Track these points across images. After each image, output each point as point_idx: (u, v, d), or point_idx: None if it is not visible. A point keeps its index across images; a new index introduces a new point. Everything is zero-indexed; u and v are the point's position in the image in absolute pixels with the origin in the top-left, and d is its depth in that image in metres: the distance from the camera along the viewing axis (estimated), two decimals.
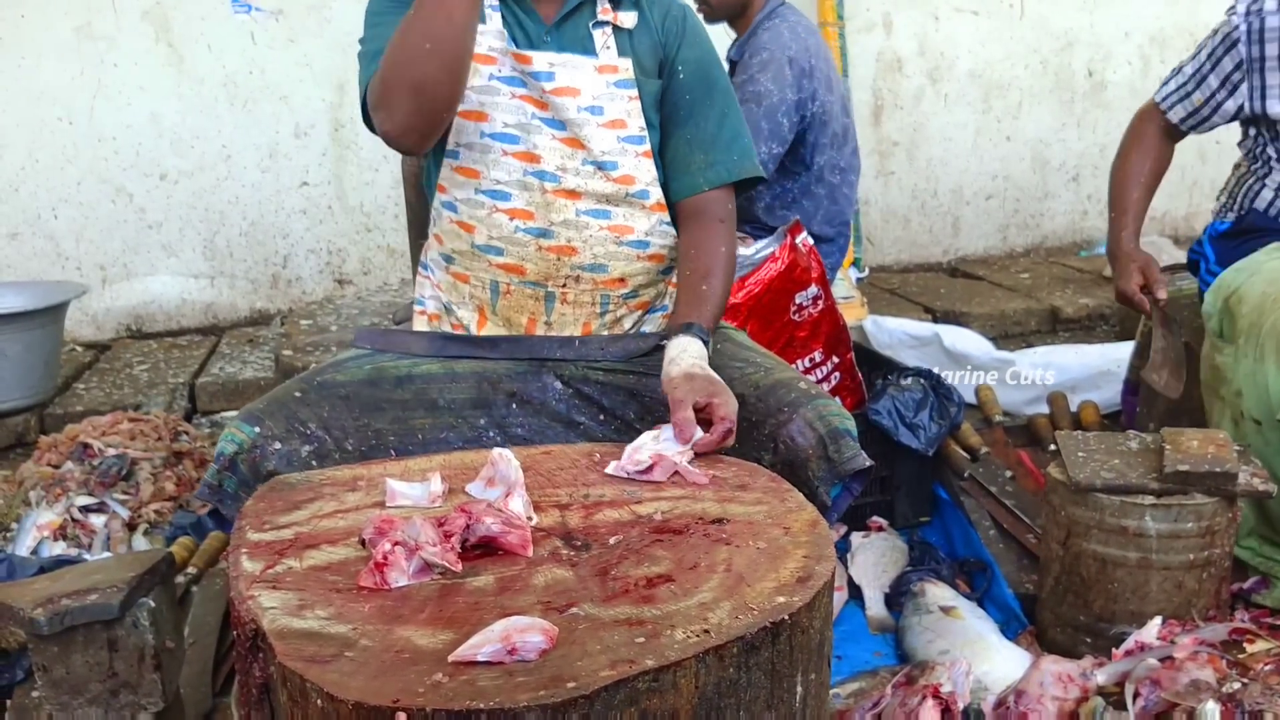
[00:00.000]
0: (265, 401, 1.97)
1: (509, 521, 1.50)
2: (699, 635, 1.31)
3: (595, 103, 2.08)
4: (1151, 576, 2.21)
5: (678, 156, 2.15)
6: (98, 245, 4.86)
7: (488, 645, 1.28)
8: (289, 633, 1.34)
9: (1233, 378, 2.51)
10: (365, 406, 2.01)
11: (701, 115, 2.14)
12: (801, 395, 1.95)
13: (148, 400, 3.99)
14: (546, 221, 2.07)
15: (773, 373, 2.03)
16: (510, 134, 2.06)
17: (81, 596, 1.93)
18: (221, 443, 1.91)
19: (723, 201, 2.14)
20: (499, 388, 2.09)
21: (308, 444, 1.94)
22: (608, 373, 2.11)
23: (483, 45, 2.04)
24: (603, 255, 2.11)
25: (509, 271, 2.12)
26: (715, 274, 2.07)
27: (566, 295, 2.13)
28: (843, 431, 1.89)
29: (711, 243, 2.10)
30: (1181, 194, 5.99)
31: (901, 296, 4.86)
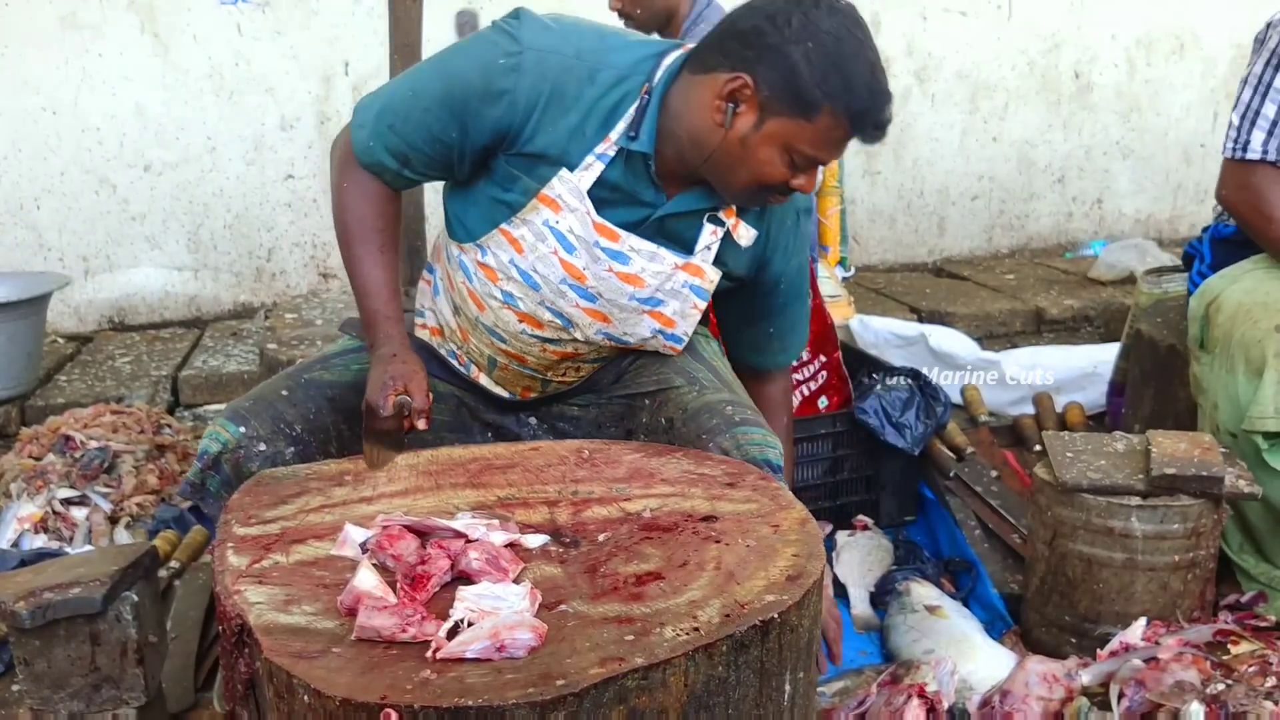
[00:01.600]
0: (251, 400, 1.96)
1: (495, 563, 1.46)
2: (689, 633, 1.31)
3: (655, 295, 1.97)
4: (1137, 577, 2.21)
5: (758, 338, 2.22)
6: (80, 236, 4.83)
7: (476, 642, 1.27)
8: (275, 628, 1.33)
9: (1210, 389, 2.52)
10: (350, 412, 1.99)
11: (790, 312, 2.19)
12: (723, 421, 1.91)
13: (130, 393, 3.96)
14: (556, 335, 2.03)
15: (705, 394, 1.98)
16: (535, 280, 1.94)
17: (64, 590, 1.91)
18: (205, 441, 1.89)
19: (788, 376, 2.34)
20: (476, 416, 2.10)
21: (292, 445, 1.92)
22: (582, 408, 2.13)
23: (555, 189, 1.87)
24: (607, 353, 2.09)
25: (509, 357, 2.08)
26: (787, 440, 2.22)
27: (566, 379, 2.12)
28: (761, 461, 1.85)
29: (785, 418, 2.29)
30: (1166, 196, 6.02)
31: (887, 296, 4.87)
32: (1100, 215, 5.95)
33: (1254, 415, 2.31)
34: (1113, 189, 5.94)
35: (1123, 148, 5.89)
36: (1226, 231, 2.66)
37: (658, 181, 1.90)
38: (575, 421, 2.11)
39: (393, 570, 1.45)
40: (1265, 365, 2.30)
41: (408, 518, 1.54)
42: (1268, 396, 2.30)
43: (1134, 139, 5.89)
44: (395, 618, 1.31)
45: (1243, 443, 2.35)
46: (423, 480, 1.77)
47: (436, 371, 2.07)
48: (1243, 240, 2.57)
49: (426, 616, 1.33)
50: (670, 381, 2.04)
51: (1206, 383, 2.50)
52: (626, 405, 2.09)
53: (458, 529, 1.52)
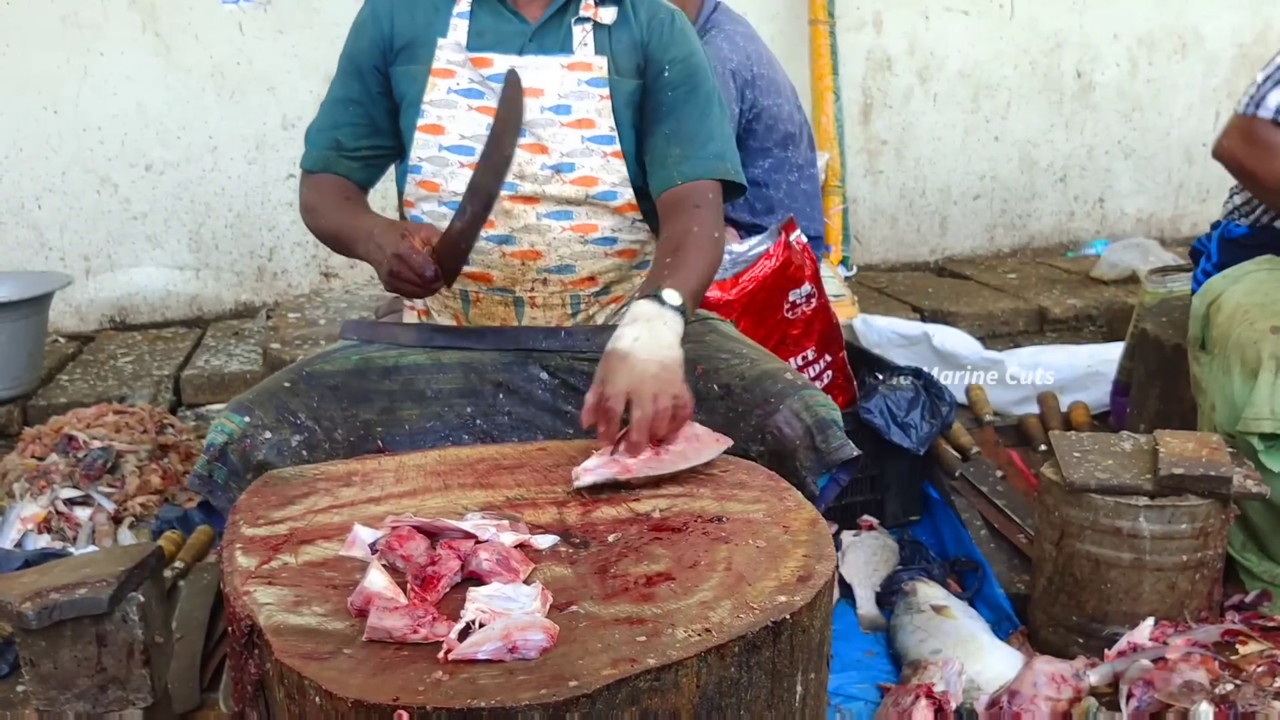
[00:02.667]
0: (255, 392, 1.97)
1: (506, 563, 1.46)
2: (700, 634, 1.31)
3: (561, 101, 2.05)
4: (1145, 577, 2.21)
5: (655, 152, 2.09)
6: (82, 236, 4.81)
7: (488, 643, 1.27)
8: (285, 629, 1.33)
9: (1208, 389, 2.51)
10: (353, 397, 2.02)
11: (683, 113, 2.08)
12: (788, 385, 1.93)
13: (132, 392, 3.95)
14: (507, 228, 2.06)
15: (759, 364, 2.02)
16: (466, 145, 2.05)
17: (70, 590, 1.91)
18: (211, 433, 1.89)
19: (702, 191, 2.06)
20: (485, 378, 2.09)
21: (298, 433, 1.93)
22: (593, 363, 2.07)
23: (440, 60, 2.06)
24: (569, 256, 2.09)
25: (476, 280, 2.11)
26: (684, 247, 1.96)
27: (535, 299, 2.12)
28: (829, 421, 1.87)
29: (683, 223, 2.01)
30: (1168, 196, 6.01)
31: (889, 295, 4.86)
32: (1102, 215, 5.94)
33: (1249, 416, 2.31)
34: (1114, 188, 5.93)
35: (1124, 147, 5.88)
36: (1237, 232, 2.66)
37: (517, 10, 2.08)
38: (590, 378, 2.07)
39: (402, 571, 1.45)
40: (1260, 366, 2.30)
41: (417, 518, 1.53)
42: (1263, 398, 2.30)
43: (1136, 138, 5.89)
44: (406, 619, 1.31)
45: (1240, 444, 2.35)
46: (430, 481, 1.77)
47: (439, 341, 2.10)
48: (1251, 243, 2.57)
49: (438, 617, 1.32)
50: (710, 354, 2.04)
51: (1205, 383, 2.50)
52: None
53: (467, 530, 1.52)
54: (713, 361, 2.02)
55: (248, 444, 1.87)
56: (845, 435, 1.88)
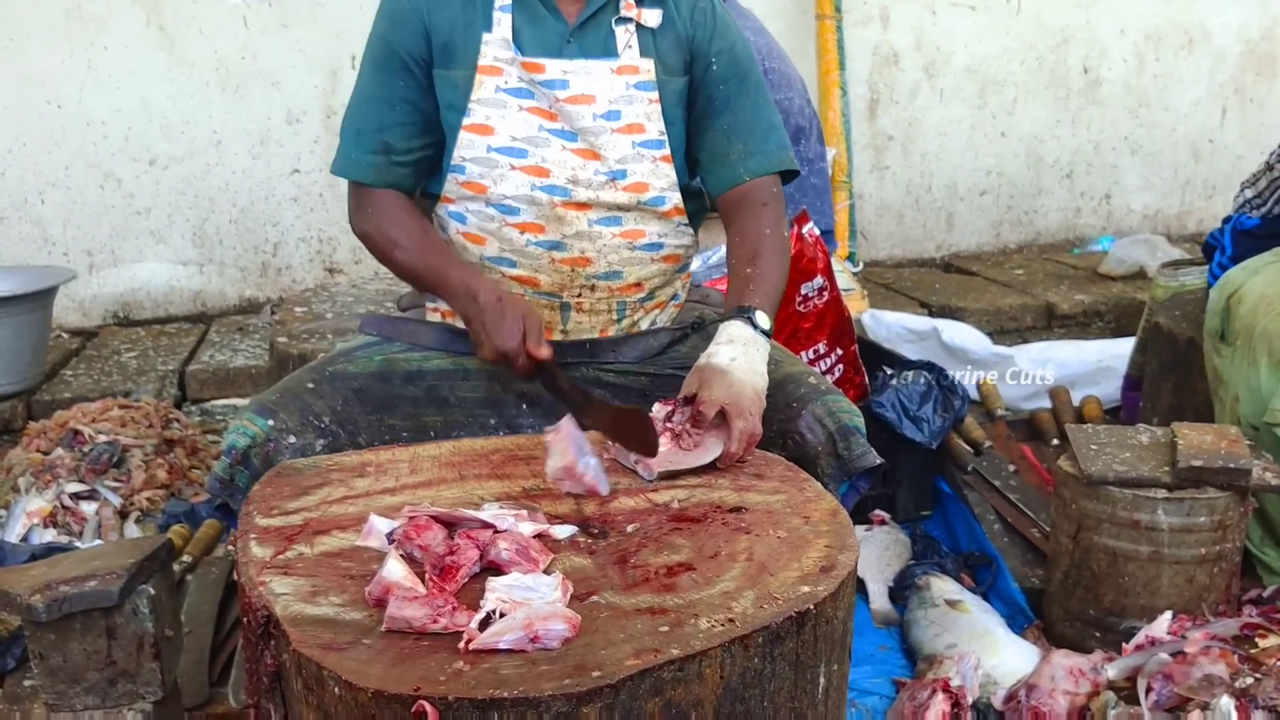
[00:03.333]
0: (277, 393, 1.94)
1: (525, 553, 1.44)
2: (724, 624, 1.29)
3: (612, 108, 1.99)
4: (1163, 570, 2.19)
5: (715, 149, 2.05)
6: (85, 231, 4.79)
7: (510, 633, 1.25)
8: (303, 619, 1.31)
9: (1230, 381, 2.50)
10: (378, 402, 1.99)
11: (738, 105, 2.05)
12: (811, 390, 1.92)
13: (137, 388, 3.93)
14: (559, 234, 2.00)
15: (782, 366, 1.99)
16: (518, 148, 1.97)
17: (80, 583, 1.88)
18: (232, 435, 1.86)
19: (766, 187, 2.05)
20: (509, 387, 2.05)
21: (322, 438, 1.90)
22: (619, 375, 2.08)
23: (488, 56, 1.96)
24: (617, 262, 2.04)
25: (523, 283, 2.05)
26: (761, 255, 1.98)
27: (582, 305, 2.07)
28: (852, 428, 1.86)
29: (755, 225, 2.01)
30: (1174, 192, 5.99)
31: (897, 291, 4.84)
32: (1108, 211, 5.92)
33: (1277, 407, 2.29)
34: (1121, 184, 5.91)
35: (1131, 143, 5.86)
36: (1249, 224, 2.64)
37: (557, 7, 1.99)
38: (616, 390, 2.07)
39: (420, 561, 1.43)
40: None
41: (434, 508, 1.52)
42: None
43: (1142, 134, 5.86)
44: (426, 608, 1.29)
45: (1264, 435, 2.33)
46: (446, 472, 1.75)
47: (460, 346, 2.05)
48: (1266, 233, 2.55)
49: (458, 607, 1.30)
50: None
51: (1227, 375, 2.48)
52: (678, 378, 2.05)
53: (485, 519, 1.50)
54: None
55: (271, 448, 1.85)
56: (867, 443, 1.87)
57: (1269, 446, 2.30)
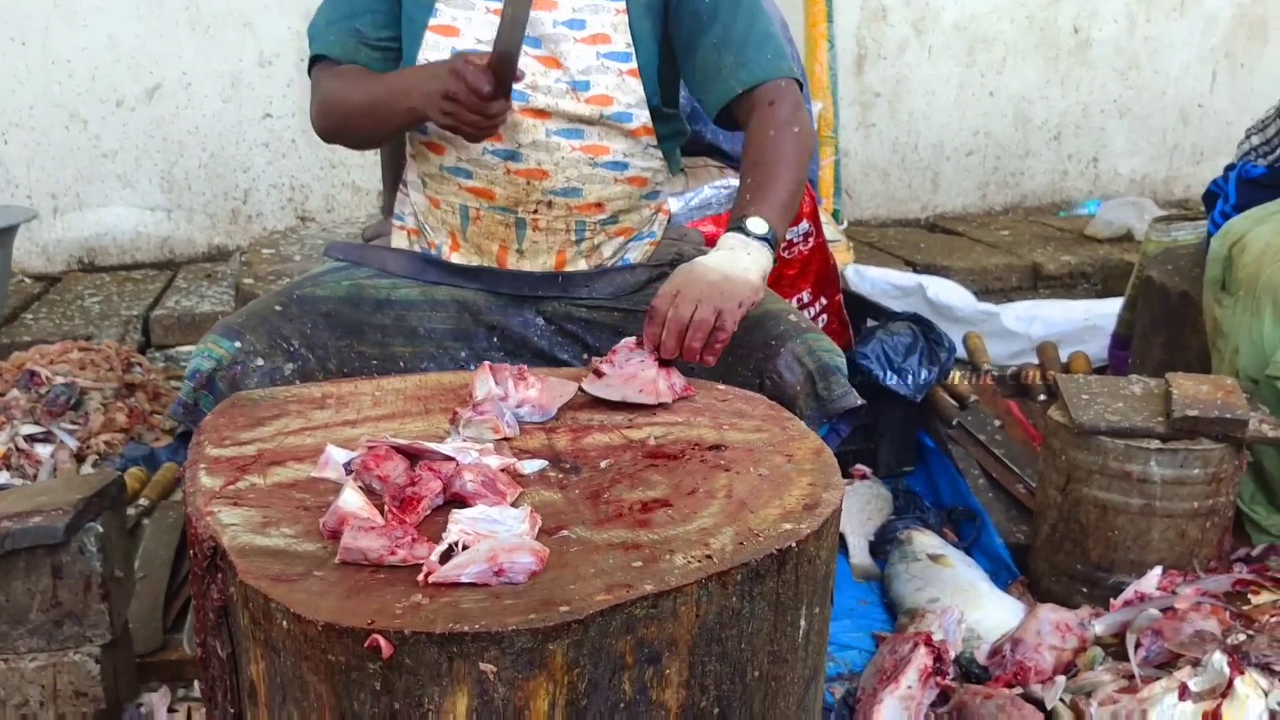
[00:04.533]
0: (244, 315, 1.85)
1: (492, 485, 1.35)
2: (701, 560, 1.21)
3: (575, 16, 1.91)
4: (1154, 524, 2.13)
5: (707, 64, 1.93)
6: (49, 173, 4.65)
7: (472, 565, 1.17)
8: (251, 550, 1.22)
9: (1230, 332, 2.43)
10: (347, 327, 1.91)
11: (728, 16, 1.93)
12: (791, 328, 1.84)
13: (99, 332, 3.82)
14: (514, 143, 1.91)
15: (763, 302, 1.91)
16: (480, 49, 1.88)
17: (23, 519, 1.80)
18: (196, 359, 1.77)
19: (769, 91, 1.90)
20: (480, 319, 1.98)
21: (291, 361, 1.81)
22: (592, 309, 1.99)
23: None
24: (576, 178, 1.95)
25: (478, 196, 1.97)
26: (763, 160, 1.84)
27: (538, 222, 1.98)
28: (833, 368, 1.79)
29: (761, 128, 1.87)
30: (1162, 157, 5.92)
31: (881, 250, 4.76)
32: (1095, 174, 5.85)
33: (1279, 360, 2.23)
34: (1109, 148, 5.83)
35: (1120, 106, 5.78)
36: (1255, 172, 2.57)
37: None
38: (588, 325, 1.99)
39: (379, 493, 1.34)
40: None
41: (395, 439, 1.43)
42: None
43: (1132, 97, 5.78)
44: (383, 539, 1.20)
45: (1264, 389, 2.27)
46: (410, 405, 1.66)
47: (430, 276, 1.98)
48: (1270, 182, 2.48)
49: (417, 539, 1.22)
50: None
51: (1227, 326, 2.41)
52: None
53: (448, 453, 1.41)
54: None
55: (238, 371, 1.76)
56: (849, 384, 1.79)
57: (1269, 400, 2.24)
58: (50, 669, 1.85)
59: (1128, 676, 1.93)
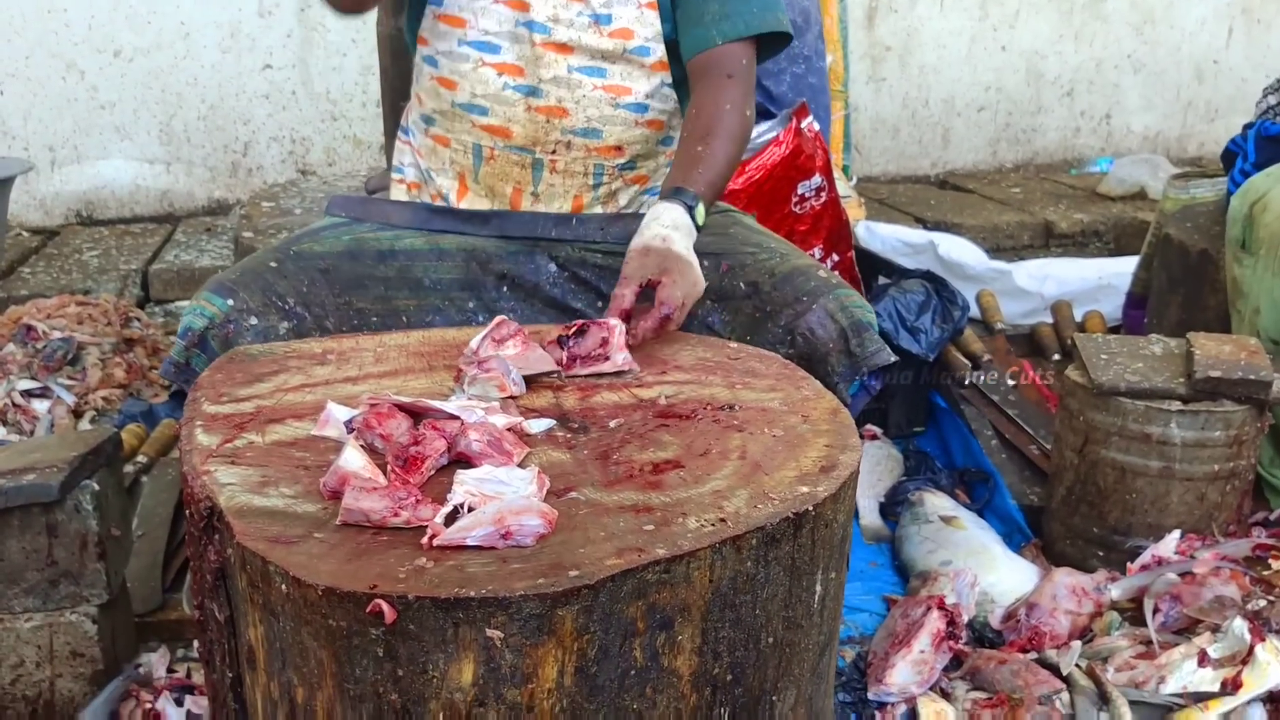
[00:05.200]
0: (237, 272, 1.80)
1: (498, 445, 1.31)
2: (714, 524, 1.17)
3: None
4: (1173, 487, 2.09)
5: (689, 6, 1.88)
6: (46, 125, 4.59)
7: (479, 528, 1.12)
8: (249, 511, 1.18)
9: (1251, 293, 2.38)
10: (346, 283, 1.85)
11: None
12: (821, 284, 1.80)
13: (98, 286, 3.77)
14: (535, 79, 1.85)
15: (789, 259, 1.87)
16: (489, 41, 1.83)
17: (17, 476, 1.76)
18: (188, 316, 1.73)
19: (737, 57, 1.87)
20: (489, 268, 1.92)
21: (286, 320, 1.76)
22: (606, 255, 1.93)
23: None
24: (597, 119, 1.89)
25: (494, 134, 1.91)
26: (716, 135, 1.81)
27: (556, 163, 1.92)
28: (865, 324, 1.76)
29: (716, 100, 1.83)
30: (1175, 114, 5.83)
31: (891, 207, 4.70)
32: (1108, 131, 5.76)
33: None
34: (1122, 104, 5.74)
35: (1134, 62, 5.68)
36: (1274, 130, 2.51)
37: None
38: (602, 272, 1.93)
39: (381, 452, 1.30)
40: None
41: (398, 397, 1.38)
42: None
43: (1146, 53, 5.68)
44: (386, 500, 1.16)
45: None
46: (414, 361, 1.61)
47: (436, 224, 1.92)
48: None
49: (421, 500, 1.17)
50: (736, 249, 1.89)
51: (1247, 286, 2.35)
52: None
53: (453, 411, 1.36)
54: (738, 257, 1.86)
55: (230, 330, 1.71)
56: (881, 339, 1.76)
57: None
58: (46, 629, 1.81)
59: (1145, 642, 1.90)
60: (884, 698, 1.86)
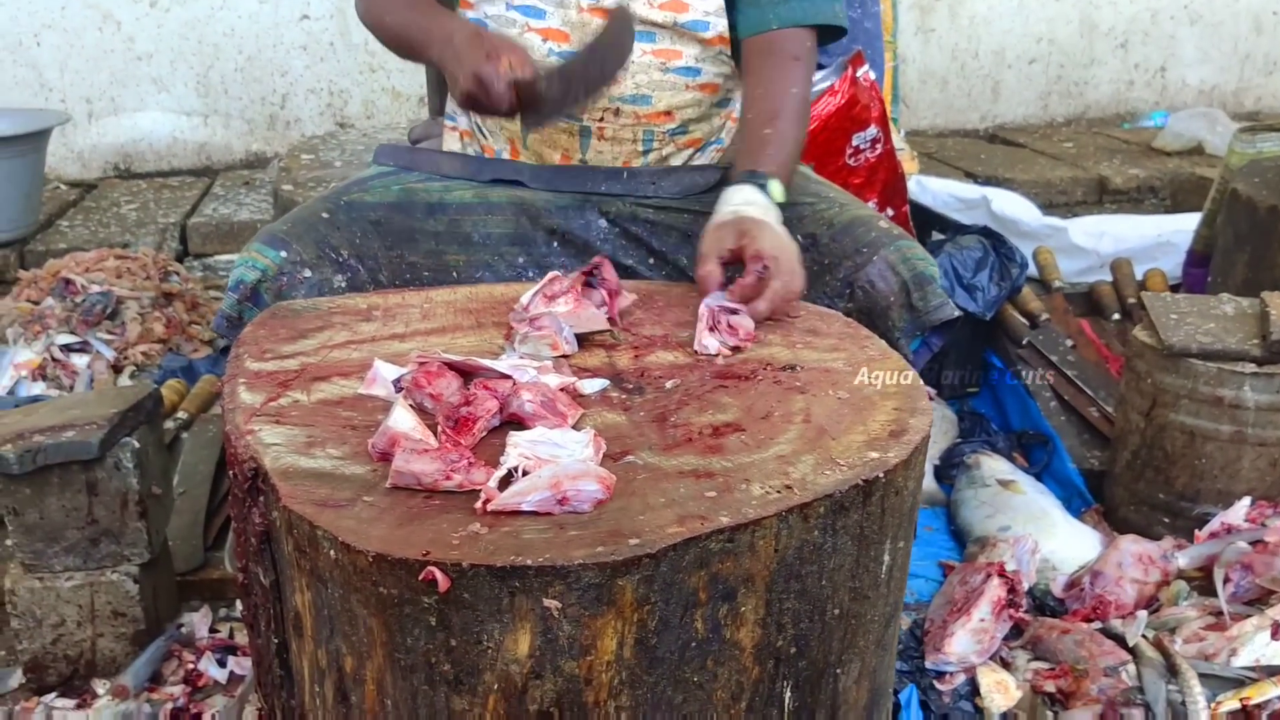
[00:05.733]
0: (289, 223, 1.74)
1: (551, 406, 1.25)
2: (780, 491, 1.11)
3: None
4: (1245, 452, 2.01)
5: None
6: (83, 76, 4.55)
7: (534, 493, 1.07)
8: (295, 472, 1.14)
9: None
10: (398, 235, 1.80)
11: None
12: (882, 235, 1.73)
13: (136, 240, 3.74)
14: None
15: (848, 209, 1.79)
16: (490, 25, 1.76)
17: (56, 433, 1.72)
18: (240, 269, 1.67)
19: (798, 40, 1.80)
20: (539, 222, 1.85)
21: (341, 273, 1.71)
22: (659, 210, 1.86)
23: None
24: (646, 85, 1.81)
25: None
26: (782, 116, 1.74)
27: (604, 130, 1.85)
28: (928, 277, 1.68)
29: (781, 82, 1.77)
30: (1233, 67, 5.65)
31: (940, 161, 4.59)
32: (1163, 84, 5.60)
33: None
34: (1177, 56, 5.57)
35: (1191, 12, 5.51)
36: None
37: None
38: (653, 228, 1.86)
39: (431, 412, 1.24)
40: None
41: (447, 355, 1.32)
42: None
43: (1203, 3, 5.50)
44: (438, 463, 1.11)
45: None
46: (462, 319, 1.56)
47: (486, 175, 1.86)
48: None
49: (474, 463, 1.12)
50: (797, 200, 1.80)
51: None
52: None
53: (504, 370, 1.31)
54: (795, 208, 1.78)
55: (284, 282, 1.66)
56: (944, 293, 1.68)
57: None
58: (87, 588, 1.79)
59: (1215, 613, 1.83)
60: (943, 667, 1.81)
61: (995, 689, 1.76)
